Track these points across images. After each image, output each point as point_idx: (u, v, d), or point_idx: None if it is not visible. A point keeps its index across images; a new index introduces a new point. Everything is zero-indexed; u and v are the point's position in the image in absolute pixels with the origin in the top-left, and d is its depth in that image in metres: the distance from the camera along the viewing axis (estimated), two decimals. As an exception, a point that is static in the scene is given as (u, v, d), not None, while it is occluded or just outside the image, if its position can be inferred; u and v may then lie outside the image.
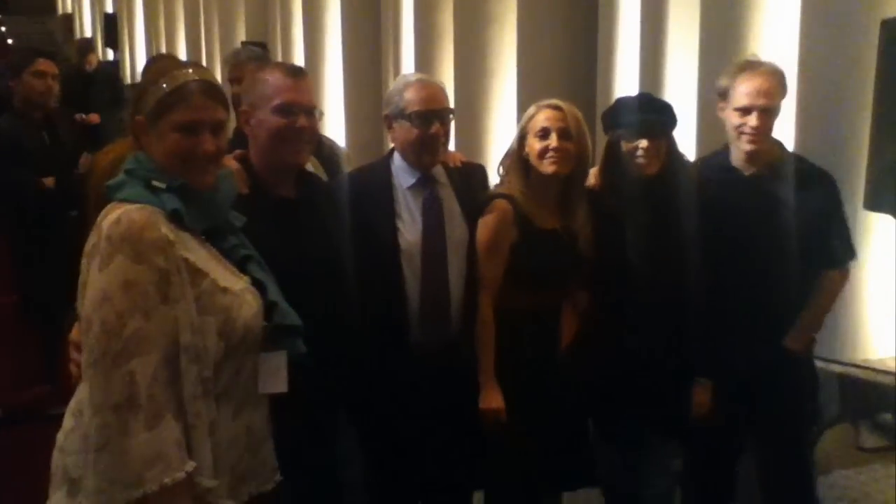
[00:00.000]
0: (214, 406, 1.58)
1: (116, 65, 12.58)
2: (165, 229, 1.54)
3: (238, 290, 1.63)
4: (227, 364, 1.60)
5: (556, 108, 2.39)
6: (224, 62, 3.19)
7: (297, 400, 1.75)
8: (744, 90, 2.47)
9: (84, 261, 1.56)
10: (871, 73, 2.50)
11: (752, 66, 2.53)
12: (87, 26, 15.31)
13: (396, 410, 2.31)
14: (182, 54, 10.66)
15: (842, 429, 2.56)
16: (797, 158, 2.61)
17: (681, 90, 3.43)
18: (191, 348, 1.53)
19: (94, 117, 3.40)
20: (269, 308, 1.69)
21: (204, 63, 9.85)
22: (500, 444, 2.35)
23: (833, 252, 2.53)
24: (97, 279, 1.50)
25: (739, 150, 2.54)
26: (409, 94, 2.34)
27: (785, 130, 3.02)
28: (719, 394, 2.46)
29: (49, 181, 3.33)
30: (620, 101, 2.67)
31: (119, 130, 5.27)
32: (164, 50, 11.35)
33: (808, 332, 2.54)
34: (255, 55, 3.29)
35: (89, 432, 1.50)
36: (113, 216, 1.53)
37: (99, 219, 1.56)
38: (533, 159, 2.37)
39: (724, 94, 2.55)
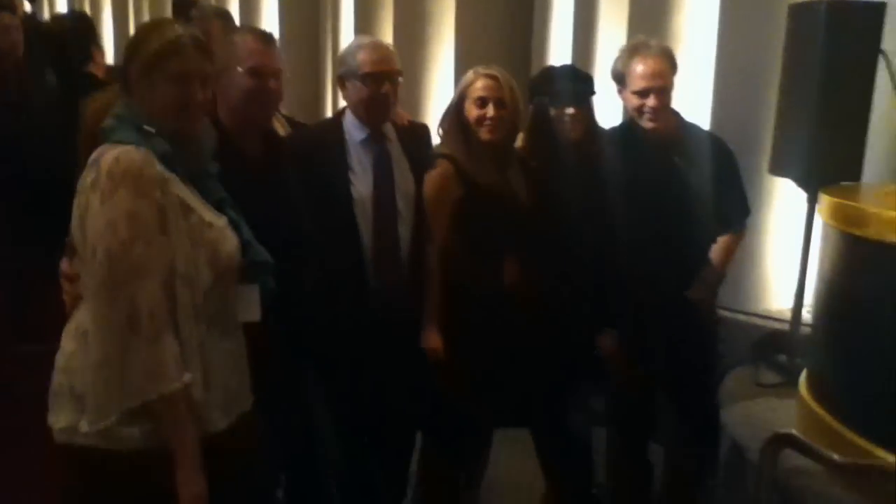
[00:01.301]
0: (204, 329, 1.74)
1: (34, 17, 12.13)
2: (158, 168, 1.68)
3: (220, 226, 1.79)
4: (214, 292, 1.76)
5: (493, 77, 2.58)
6: (190, 17, 3.28)
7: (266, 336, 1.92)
8: (638, 73, 2.67)
9: (81, 196, 1.68)
10: (781, 53, 2.78)
11: (643, 49, 2.73)
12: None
13: (353, 349, 2.49)
14: (108, 11, 10.39)
15: (744, 369, 2.86)
16: (694, 127, 2.85)
17: (609, 61, 3.67)
18: (184, 276, 1.68)
19: None
20: (243, 246, 1.85)
21: (131, 18, 9.66)
22: (440, 384, 2.57)
23: (728, 214, 2.81)
24: (100, 211, 1.62)
25: (641, 126, 2.75)
26: (362, 56, 2.50)
27: (702, 104, 3.31)
28: (630, 340, 2.72)
29: None
30: (549, 69, 2.88)
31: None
32: (87, 3, 11.02)
33: (709, 283, 2.81)
34: (220, 12, 3.40)
35: (92, 350, 1.64)
36: (110, 155, 1.65)
37: (92, 158, 1.68)
38: (471, 124, 2.56)
39: (620, 79, 2.76)
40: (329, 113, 5.86)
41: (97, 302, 1.64)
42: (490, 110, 2.54)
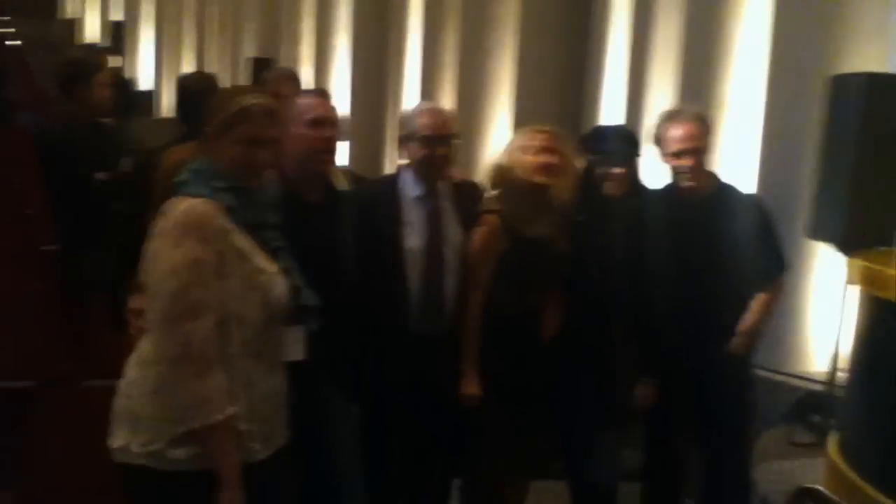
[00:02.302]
0: (252, 365, 1.91)
1: (120, 71, 12.87)
2: (223, 220, 1.88)
3: (272, 272, 1.96)
4: (264, 331, 1.93)
5: (542, 130, 2.75)
6: (263, 78, 3.59)
7: (307, 375, 2.08)
8: (673, 137, 2.82)
9: (153, 241, 1.88)
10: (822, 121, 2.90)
11: (677, 115, 2.88)
12: (91, 33, 15.59)
13: (396, 392, 2.64)
14: (188, 66, 11.00)
15: (780, 428, 2.91)
16: (731, 188, 2.95)
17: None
18: (237, 316, 1.87)
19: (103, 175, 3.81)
20: (293, 291, 2.01)
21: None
22: (477, 430, 2.68)
23: (763, 268, 2.87)
24: (168, 256, 1.82)
25: (680, 186, 2.88)
26: (422, 120, 2.70)
27: (748, 169, 3.42)
28: (665, 393, 2.81)
29: (102, 176, 3.67)
30: (599, 129, 3.03)
31: (133, 134, 5.60)
32: (169, 60, 11.69)
33: (747, 336, 2.86)
34: (290, 75, 3.69)
35: (149, 379, 1.84)
36: (182, 207, 1.86)
37: (165, 207, 1.89)
38: (523, 173, 2.71)
39: (658, 143, 2.90)
40: (389, 170, 6.11)
41: (157, 336, 1.84)
42: (543, 156, 2.66)
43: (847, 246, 2.80)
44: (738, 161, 3.44)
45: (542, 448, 2.82)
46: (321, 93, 2.56)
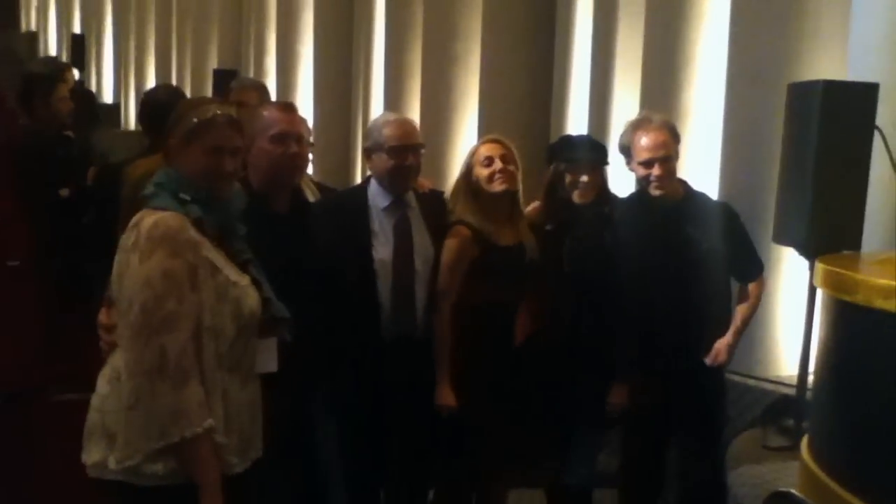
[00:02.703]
0: (227, 377, 1.90)
1: (83, 84, 12.70)
2: (192, 232, 1.87)
3: (244, 285, 1.96)
4: (238, 343, 1.93)
5: (496, 140, 2.80)
6: (230, 88, 3.56)
7: (282, 386, 2.07)
8: (642, 145, 2.84)
9: (122, 255, 1.87)
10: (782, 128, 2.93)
11: (645, 123, 2.90)
12: (51, 45, 15.39)
13: (368, 402, 2.63)
14: (151, 77, 10.89)
15: (752, 433, 2.93)
16: (701, 195, 2.99)
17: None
18: (210, 328, 1.86)
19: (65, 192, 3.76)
20: (264, 302, 2.01)
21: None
22: (453, 438, 2.68)
23: (743, 268, 2.93)
24: (139, 269, 1.81)
25: (650, 194, 2.90)
26: (388, 131, 2.71)
27: (710, 175, 3.46)
28: (640, 397, 2.82)
29: (64, 192, 3.63)
30: (567, 138, 3.06)
31: (99, 146, 5.52)
32: (132, 72, 11.56)
33: (740, 328, 2.89)
34: (257, 85, 3.67)
35: (124, 393, 1.81)
36: (150, 220, 1.85)
37: (133, 221, 1.87)
38: (483, 184, 2.74)
39: (626, 152, 2.92)
40: (358, 180, 6.10)
41: (131, 350, 1.81)
42: (498, 164, 2.72)
43: (810, 250, 2.83)
44: (700, 168, 3.47)
45: (521, 452, 2.82)
46: (287, 106, 2.54)
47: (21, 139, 3.89)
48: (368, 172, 2.86)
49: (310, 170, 3.03)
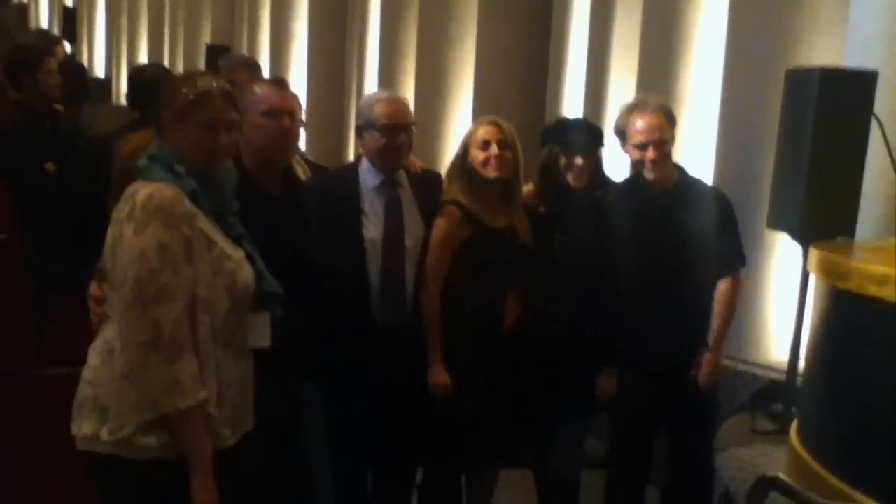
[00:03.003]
0: (220, 351, 1.88)
1: (73, 58, 12.58)
2: (188, 204, 1.85)
3: (238, 258, 1.95)
4: (231, 317, 1.91)
5: (494, 123, 2.75)
6: (218, 66, 3.51)
7: (273, 366, 2.05)
8: (637, 128, 2.81)
9: (115, 226, 1.84)
10: (779, 114, 2.91)
11: (641, 105, 2.88)
12: (43, 18, 15.22)
13: (356, 380, 2.61)
14: (143, 52, 10.79)
15: (741, 417, 2.92)
16: (695, 180, 2.97)
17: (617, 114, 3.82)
18: (205, 301, 1.84)
19: (51, 166, 3.71)
20: (257, 277, 2.00)
21: (166, 62, 10.01)
22: (445, 418, 2.67)
23: (723, 259, 2.89)
24: (133, 241, 1.79)
25: (644, 177, 2.88)
26: (379, 109, 2.67)
27: (706, 160, 3.44)
28: (628, 382, 2.81)
29: (50, 167, 3.60)
30: (562, 120, 3.03)
31: (89, 121, 5.46)
32: (124, 46, 11.45)
33: (720, 332, 2.87)
34: (248, 62, 3.61)
35: (117, 365, 1.79)
36: (145, 191, 1.82)
37: (127, 193, 1.85)
38: (477, 167, 2.71)
39: (621, 134, 2.90)
40: (350, 159, 6.06)
41: (125, 322, 1.80)
42: (494, 150, 2.69)
43: (805, 236, 2.81)
44: (696, 153, 3.45)
45: (509, 437, 2.81)
46: (278, 82, 2.50)
47: (8, 114, 3.85)
48: (361, 151, 2.83)
49: (302, 148, 3.00)
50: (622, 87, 3.96)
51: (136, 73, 3.59)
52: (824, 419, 2.25)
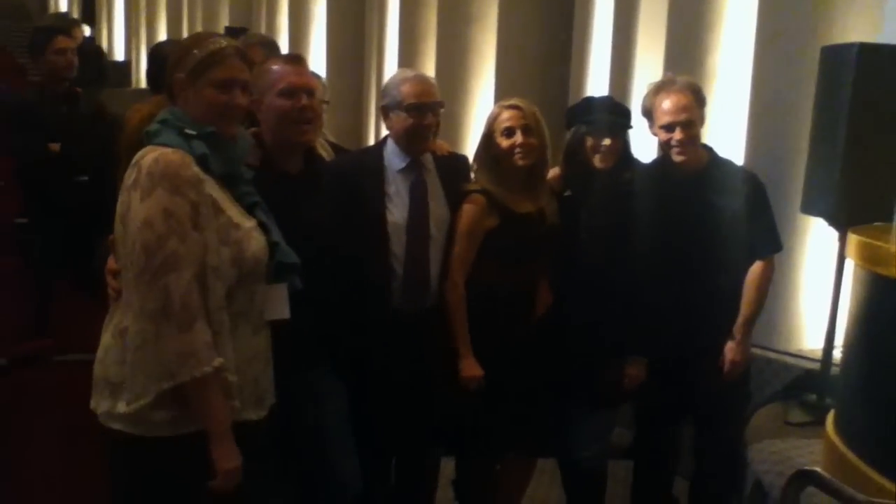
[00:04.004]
0: (236, 323, 1.83)
1: (93, 41, 12.59)
2: (195, 169, 1.79)
3: (248, 228, 1.88)
4: (241, 290, 1.85)
5: (517, 107, 2.66)
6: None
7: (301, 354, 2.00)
8: (664, 109, 2.72)
9: (123, 194, 1.79)
10: (813, 93, 2.81)
11: (668, 85, 2.78)
12: (62, 1, 15.22)
13: (377, 368, 2.56)
14: (162, 35, 10.75)
15: (773, 407, 2.86)
16: (726, 162, 2.87)
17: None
18: (216, 268, 1.78)
19: (55, 146, 3.70)
20: (272, 247, 1.93)
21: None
22: (476, 410, 2.61)
23: (755, 244, 2.78)
24: (139, 208, 1.73)
25: (672, 159, 2.79)
26: (406, 88, 2.59)
27: (737, 141, 3.34)
28: (656, 371, 2.74)
29: (54, 146, 3.57)
30: (588, 100, 2.94)
31: (107, 104, 5.43)
32: (143, 29, 11.42)
33: (749, 319, 2.79)
34: (265, 41, 3.53)
35: (130, 339, 1.75)
36: (151, 157, 1.77)
37: (135, 158, 1.79)
38: (503, 155, 2.63)
39: (648, 115, 2.81)
40: (371, 141, 6.00)
41: (135, 292, 1.75)
42: (518, 138, 2.61)
43: (839, 221, 2.73)
44: (726, 134, 3.36)
45: (536, 427, 2.76)
46: (295, 59, 2.42)
47: (21, 95, 3.84)
48: (383, 133, 2.76)
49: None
50: (649, 65, 3.85)
51: (155, 50, 3.54)
52: (863, 410, 2.18)
